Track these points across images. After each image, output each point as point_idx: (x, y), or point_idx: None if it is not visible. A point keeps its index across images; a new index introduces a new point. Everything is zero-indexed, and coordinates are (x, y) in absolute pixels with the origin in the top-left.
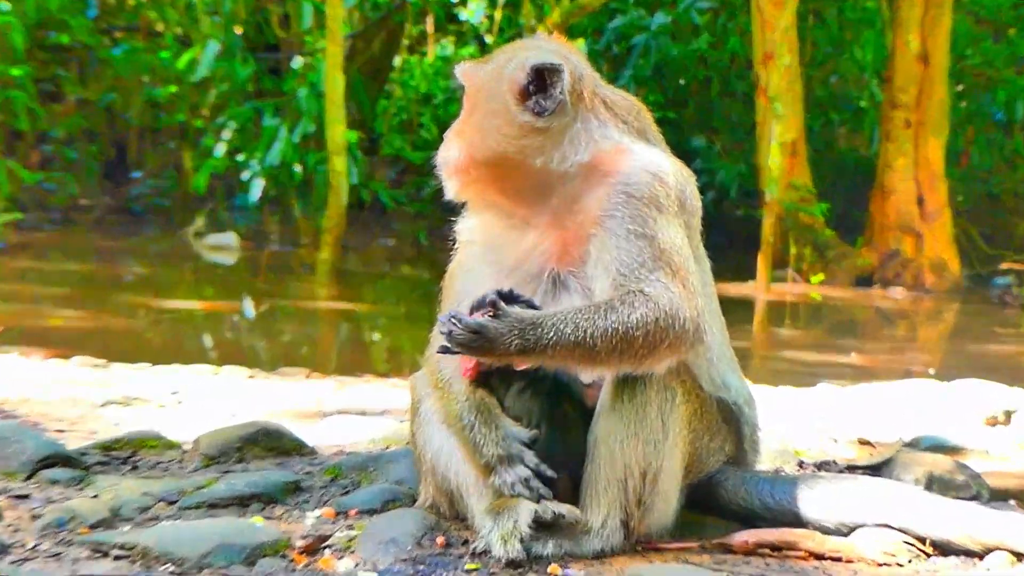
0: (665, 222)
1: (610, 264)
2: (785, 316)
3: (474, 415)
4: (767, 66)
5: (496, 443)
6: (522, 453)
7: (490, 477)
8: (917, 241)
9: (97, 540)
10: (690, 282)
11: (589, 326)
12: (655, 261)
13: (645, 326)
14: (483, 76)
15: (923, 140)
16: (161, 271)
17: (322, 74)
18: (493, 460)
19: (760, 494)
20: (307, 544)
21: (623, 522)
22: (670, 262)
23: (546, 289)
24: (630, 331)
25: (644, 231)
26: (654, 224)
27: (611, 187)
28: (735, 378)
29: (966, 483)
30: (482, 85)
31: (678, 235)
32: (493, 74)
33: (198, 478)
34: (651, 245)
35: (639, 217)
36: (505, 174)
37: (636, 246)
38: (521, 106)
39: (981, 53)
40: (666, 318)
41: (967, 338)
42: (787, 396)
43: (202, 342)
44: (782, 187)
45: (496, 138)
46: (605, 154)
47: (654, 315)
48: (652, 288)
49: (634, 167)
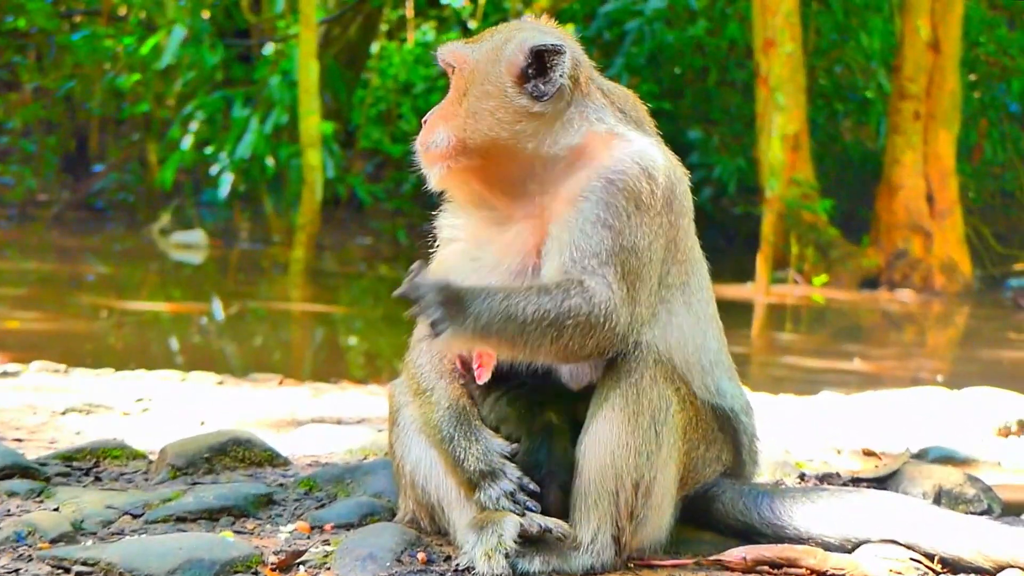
0: (638, 221)
1: (565, 247)
2: (786, 320)
3: (454, 427)
4: (768, 54)
5: (478, 458)
6: (504, 467)
7: (474, 493)
8: (926, 240)
9: (58, 555)
10: (637, 289)
11: (522, 303)
12: (609, 255)
13: (576, 316)
14: (476, 57)
15: (933, 133)
16: (125, 271)
17: (295, 62)
18: (476, 476)
19: (759, 508)
20: (280, 560)
21: (614, 537)
22: (624, 262)
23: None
24: (560, 318)
25: (613, 223)
26: (626, 220)
27: (594, 171)
28: (732, 385)
29: (977, 497)
30: (475, 67)
31: (646, 238)
32: (489, 55)
33: (165, 490)
34: (613, 239)
35: (613, 207)
36: (494, 161)
37: (599, 235)
38: (519, 89)
39: (995, 40)
40: (598, 315)
41: (978, 343)
42: (788, 405)
43: (168, 346)
44: (783, 183)
45: (489, 122)
46: (597, 137)
47: (587, 308)
48: (593, 281)
49: (624, 155)
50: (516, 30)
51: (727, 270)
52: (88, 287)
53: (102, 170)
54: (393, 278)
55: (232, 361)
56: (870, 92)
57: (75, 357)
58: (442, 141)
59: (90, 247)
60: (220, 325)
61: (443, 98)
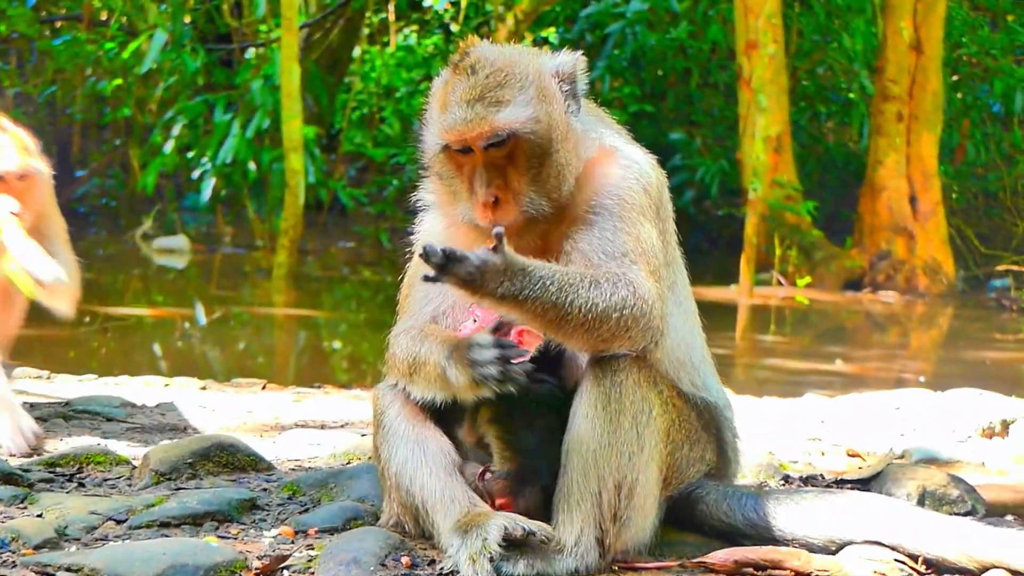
0: (648, 226)
1: (589, 251)
2: (770, 322)
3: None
4: (750, 56)
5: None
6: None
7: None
8: (909, 242)
9: (42, 561)
10: (663, 285)
11: (572, 292)
12: (636, 255)
13: (622, 309)
14: (545, 76)
15: (916, 134)
16: (107, 276)
17: (277, 66)
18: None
19: (743, 510)
20: (264, 565)
21: (598, 539)
22: (649, 260)
23: None
24: (608, 310)
25: (630, 229)
26: (638, 226)
27: (600, 187)
28: (715, 382)
29: (960, 498)
30: (544, 86)
31: (657, 240)
32: (550, 73)
33: (148, 496)
34: (634, 242)
35: (624, 217)
36: (538, 181)
37: (620, 239)
38: (562, 105)
39: (977, 41)
40: (642, 308)
41: (962, 344)
42: (772, 407)
43: (152, 352)
44: (766, 184)
45: (551, 141)
46: (601, 152)
47: (632, 301)
48: (635, 276)
49: (621, 169)
50: (531, 59)
51: (710, 272)
52: None
53: (84, 175)
54: (376, 282)
55: (215, 366)
56: (853, 94)
57: (57, 363)
58: (527, 208)
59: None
60: (203, 330)
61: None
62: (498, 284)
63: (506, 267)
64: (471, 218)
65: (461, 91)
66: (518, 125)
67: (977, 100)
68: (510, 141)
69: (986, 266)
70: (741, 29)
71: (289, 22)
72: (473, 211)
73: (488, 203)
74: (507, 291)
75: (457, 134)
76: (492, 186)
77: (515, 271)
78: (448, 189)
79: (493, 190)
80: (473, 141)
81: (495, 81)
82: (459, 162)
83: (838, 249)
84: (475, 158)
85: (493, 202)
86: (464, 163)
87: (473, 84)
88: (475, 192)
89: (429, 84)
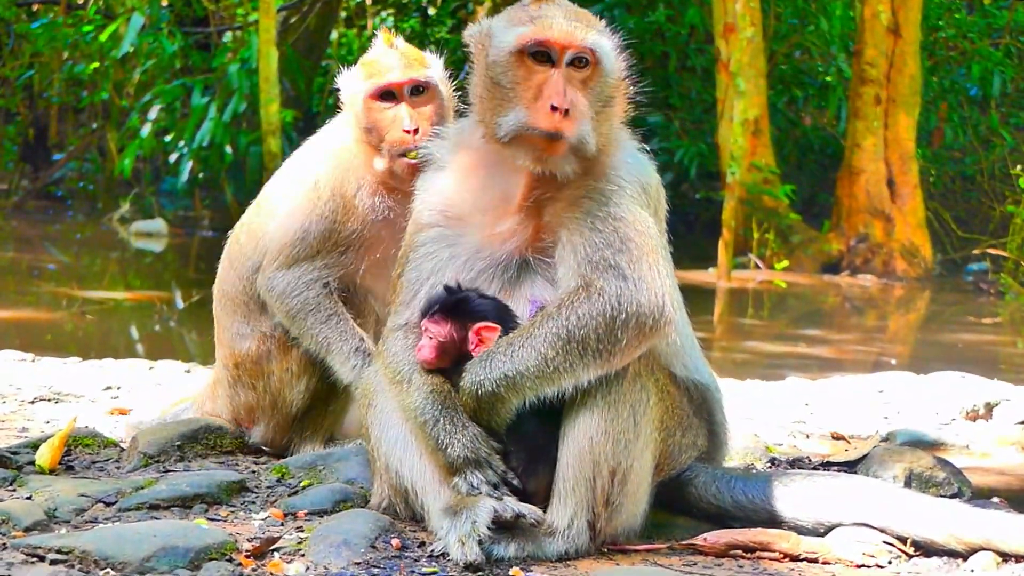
0: (639, 208)
1: (578, 246)
2: (748, 305)
3: (439, 410)
4: (728, 39)
5: (464, 445)
6: (491, 458)
7: (453, 478)
8: (887, 225)
9: (32, 544)
10: (656, 263)
11: (528, 340)
12: (622, 242)
13: (590, 321)
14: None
15: (893, 118)
16: (85, 259)
17: (254, 49)
18: (459, 462)
19: (732, 492)
20: (255, 547)
21: (590, 523)
22: (640, 244)
23: (511, 276)
24: (577, 331)
25: (623, 215)
26: (635, 208)
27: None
28: (703, 364)
29: (947, 480)
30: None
31: (654, 222)
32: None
33: (137, 478)
34: (624, 227)
35: (623, 203)
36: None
37: (610, 225)
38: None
39: (955, 24)
40: (617, 310)
41: (940, 328)
42: (755, 390)
43: (132, 335)
44: (744, 168)
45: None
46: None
47: (600, 307)
48: (601, 280)
49: (624, 156)
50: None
51: (688, 255)
52: (49, 276)
53: (61, 159)
54: None
55: (192, 349)
56: (830, 77)
57: (39, 346)
58: (585, 136)
59: (50, 236)
60: (182, 313)
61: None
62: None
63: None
64: (521, 125)
65: (556, 9)
66: (605, 53)
67: (955, 84)
68: (591, 66)
69: (963, 249)
70: (719, 12)
71: (267, 5)
72: (531, 116)
73: (561, 107)
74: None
75: (552, 37)
76: (568, 95)
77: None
78: (501, 96)
79: (570, 97)
80: (563, 49)
81: (586, 15)
82: (530, 70)
83: (816, 232)
84: (551, 70)
85: (565, 111)
86: (536, 72)
87: (568, 8)
88: (544, 97)
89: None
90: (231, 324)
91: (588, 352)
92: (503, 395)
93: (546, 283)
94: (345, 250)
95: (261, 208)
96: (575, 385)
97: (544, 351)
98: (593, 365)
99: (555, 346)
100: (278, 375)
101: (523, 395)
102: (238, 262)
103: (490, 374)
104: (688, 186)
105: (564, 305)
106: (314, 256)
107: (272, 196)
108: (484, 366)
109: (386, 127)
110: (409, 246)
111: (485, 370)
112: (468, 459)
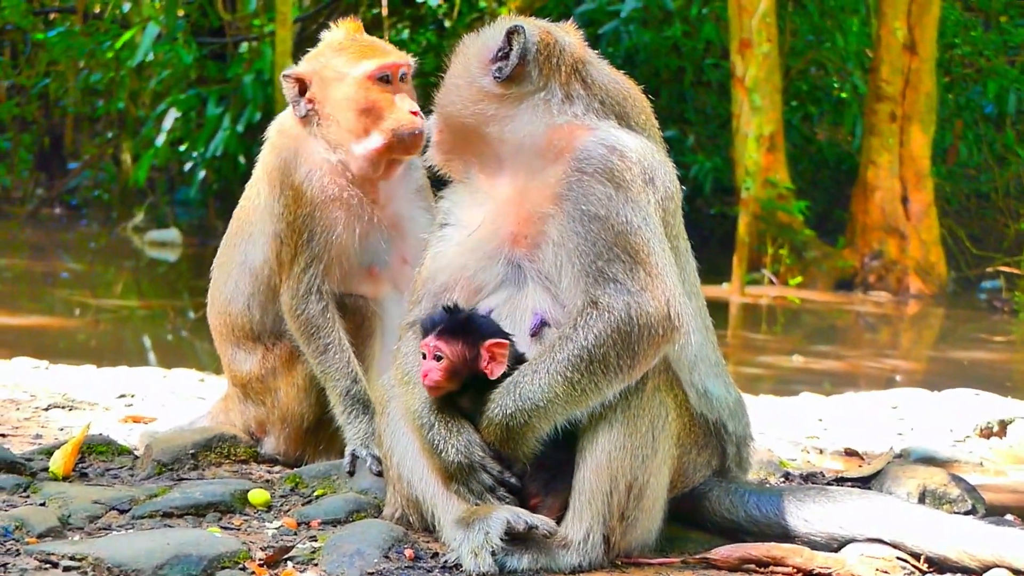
0: (624, 199)
1: (572, 255)
2: (761, 320)
3: (435, 415)
4: (744, 55)
5: (458, 450)
6: (484, 461)
7: (451, 483)
8: (901, 242)
9: (46, 550)
10: (653, 264)
11: (563, 366)
12: (611, 250)
13: (607, 339)
14: (465, 43)
15: (908, 135)
16: (99, 268)
17: (270, 60)
18: (453, 467)
19: (746, 506)
20: (268, 556)
21: (605, 537)
22: (627, 247)
23: (506, 275)
24: (596, 351)
25: (598, 212)
26: (608, 202)
27: (566, 164)
28: (718, 385)
29: (961, 496)
30: (459, 51)
31: (638, 214)
32: (472, 40)
33: (151, 486)
34: (606, 228)
35: (592, 196)
36: (468, 143)
37: (591, 230)
38: (484, 70)
39: (970, 42)
40: (631, 324)
41: (953, 345)
42: (769, 405)
43: (145, 343)
44: (759, 183)
45: (456, 104)
46: (561, 129)
47: (614, 324)
48: (606, 296)
49: (589, 142)
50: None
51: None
52: (63, 284)
53: (76, 168)
54: None
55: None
56: (846, 94)
57: (53, 354)
58: (431, 125)
59: (64, 244)
60: (194, 323)
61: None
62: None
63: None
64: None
65: None
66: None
67: (970, 101)
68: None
69: (978, 267)
70: (735, 28)
71: (283, 16)
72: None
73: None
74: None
75: None
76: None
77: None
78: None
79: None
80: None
81: None
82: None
83: (830, 249)
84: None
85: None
86: None
87: None
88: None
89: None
90: (227, 350)
91: (610, 369)
92: (535, 424)
93: (542, 287)
94: (310, 240)
95: (228, 242)
96: (601, 403)
97: (570, 375)
98: (616, 380)
99: (579, 368)
100: (284, 390)
101: (553, 421)
102: (213, 297)
103: (521, 404)
104: (703, 201)
105: (579, 326)
106: (294, 259)
107: (233, 231)
108: (512, 396)
109: (386, 108)
110: (429, 242)
111: (515, 400)
112: (462, 464)
